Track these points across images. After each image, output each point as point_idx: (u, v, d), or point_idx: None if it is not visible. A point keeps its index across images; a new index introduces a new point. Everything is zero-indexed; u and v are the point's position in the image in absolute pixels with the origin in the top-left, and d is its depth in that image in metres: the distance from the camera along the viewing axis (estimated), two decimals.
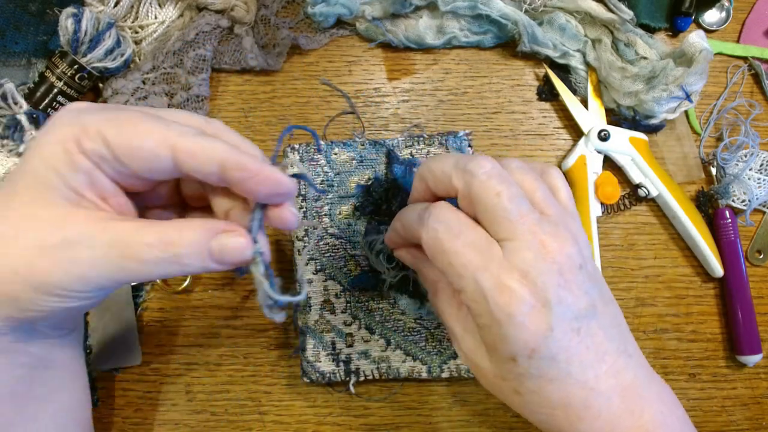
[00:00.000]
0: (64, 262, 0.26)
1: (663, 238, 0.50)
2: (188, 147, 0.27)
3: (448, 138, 0.47)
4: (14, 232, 0.26)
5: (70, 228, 0.26)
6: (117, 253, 0.26)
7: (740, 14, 0.52)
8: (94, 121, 0.27)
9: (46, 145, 0.27)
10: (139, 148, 0.27)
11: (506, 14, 0.48)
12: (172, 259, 0.27)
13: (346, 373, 0.44)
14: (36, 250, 0.26)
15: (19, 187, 0.27)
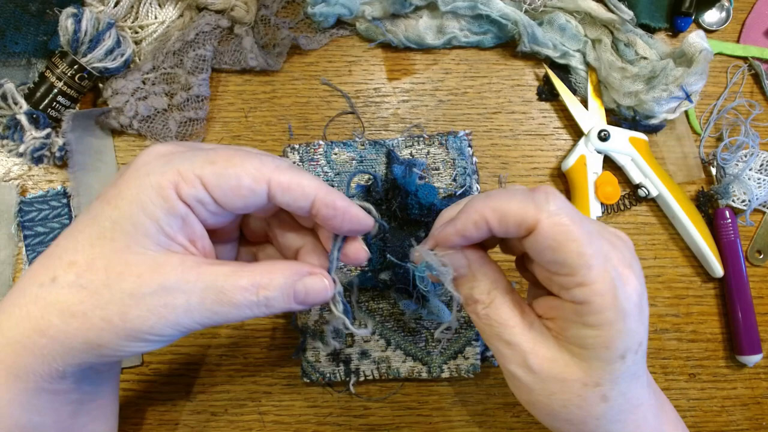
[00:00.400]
0: (160, 309, 0.27)
1: (663, 238, 0.50)
2: (284, 181, 0.28)
3: (448, 138, 0.47)
4: (107, 281, 0.27)
5: (166, 275, 0.27)
6: (212, 298, 0.27)
7: (740, 14, 0.52)
8: (190, 165, 0.27)
9: (142, 192, 0.27)
10: (237, 187, 0.27)
11: (506, 14, 0.48)
12: (262, 302, 0.28)
13: (346, 373, 0.44)
14: (131, 299, 0.27)
15: (110, 233, 0.27)
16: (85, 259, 0.27)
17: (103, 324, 0.27)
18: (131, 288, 0.27)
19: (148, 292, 0.27)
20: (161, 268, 0.27)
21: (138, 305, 0.27)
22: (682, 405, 0.48)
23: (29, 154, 0.44)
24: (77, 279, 0.27)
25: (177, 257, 0.28)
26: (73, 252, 0.27)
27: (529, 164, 0.50)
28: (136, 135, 0.48)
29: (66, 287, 0.27)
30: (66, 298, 0.27)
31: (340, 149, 0.46)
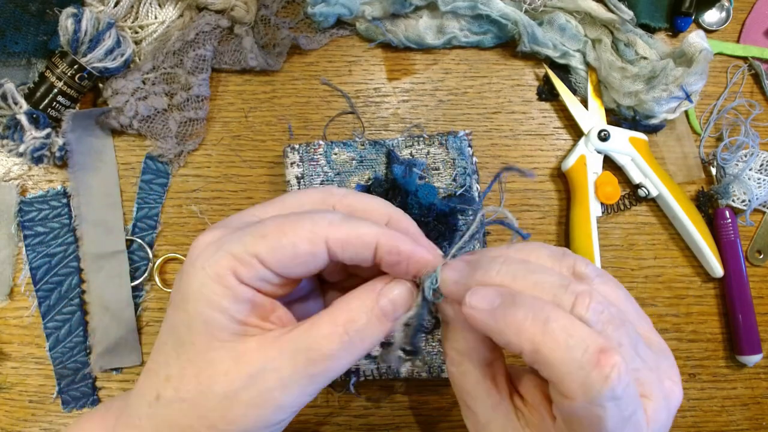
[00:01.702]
0: (256, 400, 0.26)
1: (663, 238, 0.50)
2: (341, 237, 0.26)
3: (448, 138, 0.47)
4: (201, 388, 0.26)
5: (250, 362, 0.26)
6: (302, 361, 0.26)
7: (740, 14, 0.52)
8: (243, 247, 0.26)
9: (203, 287, 0.26)
10: (295, 256, 0.26)
11: (506, 14, 0.48)
12: (354, 337, 0.26)
13: (346, 372, 0.44)
14: (226, 400, 0.26)
15: (187, 337, 0.26)
16: (177, 372, 0.26)
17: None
18: (223, 389, 0.26)
19: (239, 387, 0.25)
20: (243, 357, 0.26)
21: (234, 405, 0.26)
22: (682, 405, 0.48)
23: (29, 154, 0.44)
24: (176, 393, 0.26)
25: (254, 340, 0.26)
26: (165, 366, 0.27)
27: (529, 164, 0.50)
28: (136, 135, 0.48)
29: (169, 403, 0.26)
30: (172, 414, 0.26)
31: (340, 149, 0.46)
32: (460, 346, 0.28)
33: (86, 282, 0.45)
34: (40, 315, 0.45)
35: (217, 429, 0.26)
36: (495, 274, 0.25)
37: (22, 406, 0.45)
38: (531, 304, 0.23)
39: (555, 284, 0.24)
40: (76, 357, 0.45)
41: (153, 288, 0.47)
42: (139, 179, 0.48)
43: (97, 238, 0.45)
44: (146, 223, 0.47)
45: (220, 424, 0.26)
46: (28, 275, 0.46)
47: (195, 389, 0.26)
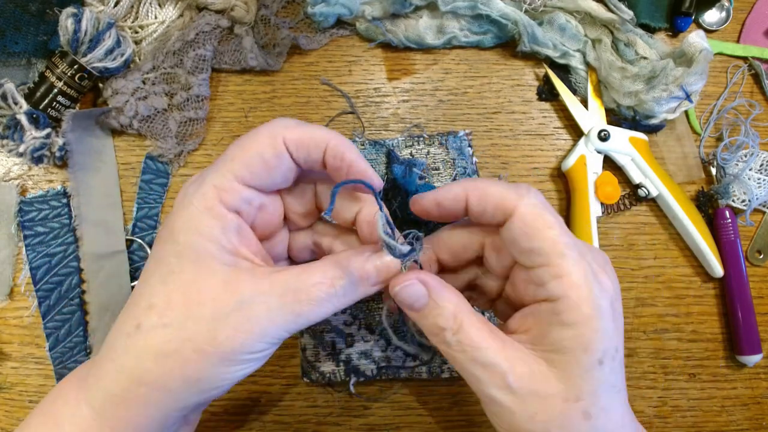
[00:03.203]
0: (244, 323, 0.27)
1: (663, 238, 0.50)
2: (296, 137, 0.29)
3: (448, 138, 0.47)
4: (188, 314, 0.27)
5: (241, 290, 0.27)
6: (291, 299, 0.28)
7: (740, 14, 0.52)
8: (220, 174, 0.28)
9: (193, 219, 0.28)
10: (264, 163, 0.28)
11: (506, 14, 0.48)
12: (339, 292, 0.29)
13: (346, 373, 0.44)
14: (214, 322, 0.27)
15: (177, 267, 0.27)
16: (162, 300, 0.27)
17: (196, 355, 0.27)
18: (211, 312, 0.27)
19: (228, 311, 0.27)
20: (234, 284, 0.27)
21: (223, 326, 0.27)
22: (682, 405, 0.48)
23: (29, 154, 0.44)
24: (160, 319, 0.27)
25: (246, 271, 0.28)
26: (149, 296, 0.28)
27: (529, 164, 0.50)
28: (136, 135, 0.48)
29: (152, 330, 0.27)
30: (155, 341, 0.27)
31: None
32: (447, 310, 0.29)
33: (86, 282, 0.45)
34: (40, 315, 0.45)
35: (203, 351, 0.27)
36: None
37: (22, 406, 0.45)
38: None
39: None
40: (76, 357, 0.45)
41: None
42: (139, 179, 0.48)
43: (97, 238, 0.45)
44: (146, 223, 0.47)
45: (206, 346, 0.27)
46: (28, 275, 0.46)
47: (182, 314, 0.27)
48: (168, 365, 0.27)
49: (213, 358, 0.27)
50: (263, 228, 0.32)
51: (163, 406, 0.28)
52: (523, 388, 0.27)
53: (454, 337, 0.28)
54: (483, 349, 0.28)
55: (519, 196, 0.28)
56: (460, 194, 0.30)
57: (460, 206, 0.30)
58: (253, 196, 0.29)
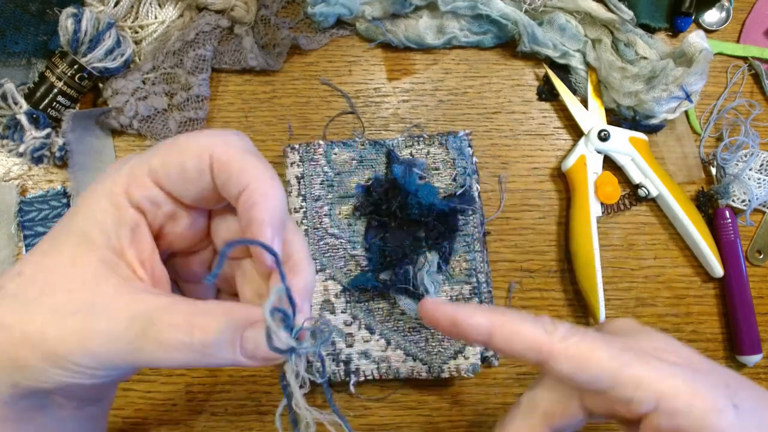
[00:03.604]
0: (80, 331, 0.24)
1: (663, 238, 0.50)
2: (225, 157, 0.25)
3: (448, 138, 0.47)
4: (39, 295, 0.24)
5: (97, 294, 0.24)
6: (138, 330, 0.23)
7: (740, 14, 0.52)
8: (140, 162, 0.26)
9: (93, 201, 0.25)
10: (183, 171, 0.25)
11: (506, 14, 0.48)
12: (197, 346, 0.23)
13: (346, 373, 0.44)
14: (53, 315, 0.24)
15: (60, 246, 0.25)
16: (31, 271, 0.25)
17: (23, 339, 0.24)
18: (57, 304, 0.24)
19: (71, 311, 0.24)
20: (95, 286, 0.24)
21: (58, 324, 0.24)
22: None
23: (29, 154, 0.44)
24: (17, 288, 0.25)
25: (116, 278, 0.25)
26: (25, 262, 0.25)
27: (529, 164, 0.50)
28: (136, 135, 0.48)
29: (6, 297, 0.25)
30: (7, 308, 0.24)
31: (340, 149, 0.46)
32: None
33: None
34: None
35: (29, 339, 0.24)
36: None
37: None
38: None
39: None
40: None
41: None
42: None
43: None
44: None
45: (35, 335, 0.24)
46: None
47: (34, 293, 0.24)
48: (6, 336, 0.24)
49: (36, 350, 0.24)
50: (173, 241, 0.28)
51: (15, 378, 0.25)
52: None
53: None
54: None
55: (548, 333, 0.26)
56: (483, 326, 0.27)
57: (480, 339, 0.28)
58: (162, 199, 0.26)
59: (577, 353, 0.26)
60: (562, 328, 0.27)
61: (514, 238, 0.49)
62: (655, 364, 0.26)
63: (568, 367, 0.26)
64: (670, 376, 0.25)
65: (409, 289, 0.44)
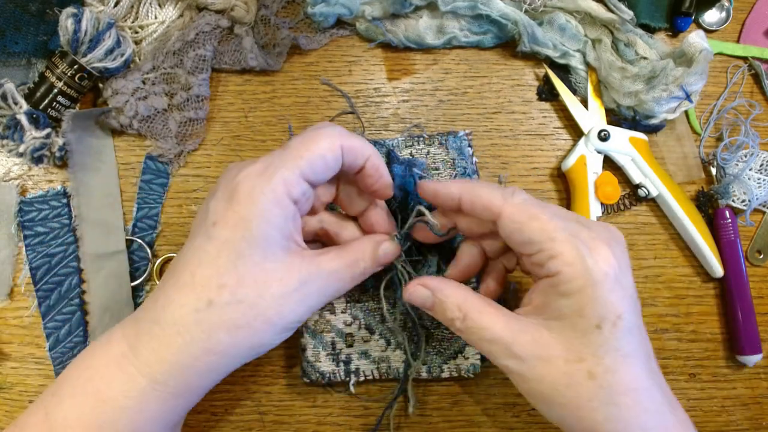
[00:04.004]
0: (305, 299, 0.33)
1: (663, 238, 0.50)
2: (349, 144, 0.33)
3: (448, 138, 0.47)
4: (259, 292, 0.32)
5: (300, 272, 0.33)
6: (332, 280, 0.34)
7: (740, 14, 0.52)
8: (289, 170, 0.32)
9: (265, 210, 0.31)
10: (325, 164, 0.33)
11: (506, 14, 0.48)
12: (360, 272, 0.36)
13: (346, 373, 0.44)
14: (282, 299, 0.32)
15: (247, 252, 0.31)
16: (234, 280, 0.31)
17: (266, 326, 0.32)
18: (280, 291, 0.32)
19: (292, 290, 0.32)
20: (293, 267, 0.33)
21: (287, 302, 0.32)
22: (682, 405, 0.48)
23: (29, 154, 0.44)
24: (233, 297, 0.31)
25: (298, 256, 0.33)
26: (217, 277, 0.31)
27: (529, 164, 0.50)
28: (136, 135, 0.48)
29: (225, 306, 0.31)
30: (230, 316, 0.31)
31: None
32: (451, 303, 0.34)
33: (86, 282, 0.45)
34: (40, 315, 0.45)
35: (271, 322, 0.32)
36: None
37: (22, 406, 0.45)
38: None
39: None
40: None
41: (153, 288, 0.47)
42: (139, 179, 0.48)
43: (97, 238, 0.45)
44: (146, 223, 0.47)
45: (275, 318, 0.32)
46: (28, 275, 0.46)
47: (253, 292, 0.31)
48: (240, 336, 0.32)
49: (278, 328, 0.33)
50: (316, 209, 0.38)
51: (225, 371, 0.34)
52: (527, 354, 0.31)
53: (463, 324, 0.33)
54: (488, 328, 0.32)
55: (504, 198, 0.32)
56: (455, 193, 0.34)
57: (454, 204, 0.35)
58: (309, 190, 0.33)
59: (519, 218, 0.31)
60: (519, 196, 0.32)
61: None
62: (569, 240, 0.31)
63: (509, 227, 0.32)
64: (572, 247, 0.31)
65: None
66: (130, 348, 0.32)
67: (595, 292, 0.30)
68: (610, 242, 0.31)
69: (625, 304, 0.30)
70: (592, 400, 0.30)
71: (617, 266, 0.31)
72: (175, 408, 0.33)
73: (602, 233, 0.32)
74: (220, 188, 0.33)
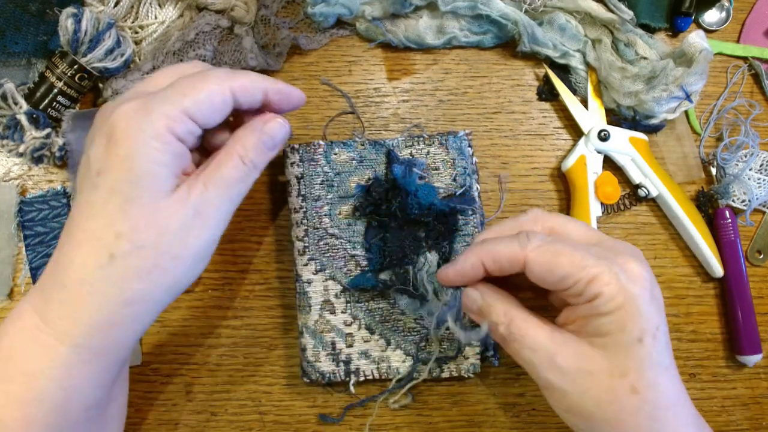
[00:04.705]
0: (205, 222, 0.32)
1: (663, 238, 0.50)
2: (241, 84, 0.33)
3: (448, 138, 0.47)
4: (159, 231, 0.31)
5: (190, 200, 0.32)
6: (223, 189, 0.33)
7: (740, 14, 0.52)
8: (171, 106, 0.31)
9: (147, 147, 0.30)
10: (212, 106, 0.32)
11: (506, 14, 0.48)
12: (250, 167, 0.34)
13: (346, 373, 0.44)
14: (183, 230, 0.31)
15: (135, 193, 0.30)
16: (128, 227, 0.30)
17: (176, 262, 0.31)
18: (177, 224, 0.31)
19: (190, 219, 0.31)
20: (183, 199, 0.31)
21: (189, 232, 0.31)
22: None
23: (29, 154, 0.44)
24: (132, 244, 0.30)
25: (184, 185, 0.32)
26: (110, 227, 0.30)
27: (529, 164, 0.50)
28: None
29: (127, 255, 0.30)
30: (136, 263, 0.30)
31: (340, 149, 0.46)
32: (498, 308, 0.33)
33: None
34: None
35: (179, 257, 0.31)
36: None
37: None
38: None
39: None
40: None
41: None
42: None
43: None
44: None
45: (182, 251, 0.31)
46: (28, 275, 0.46)
47: (153, 233, 0.30)
48: (153, 280, 0.31)
49: (187, 260, 0.32)
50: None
51: (149, 319, 0.33)
52: (571, 367, 0.31)
53: (507, 329, 0.33)
54: (531, 336, 0.32)
55: (522, 246, 0.32)
56: (477, 263, 0.33)
57: (481, 272, 0.34)
58: (196, 129, 0.32)
59: (544, 259, 0.31)
60: (535, 240, 0.32)
61: None
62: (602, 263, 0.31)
63: (539, 271, 0.31)
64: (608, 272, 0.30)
65: (409, 290, 0.44)
66: (41, 318, 0.31)
67: (635, 307, 0.30)
68: (636, 257, 0.32)
69: (661, 315, 0.31)
70: (636, 416, 0.30)
71: (650, 279, 0.31)
72: (106, 366, 0.32)
73: (626, 249, 0.32)
74: (96, 133, 0.32)
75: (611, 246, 0.33)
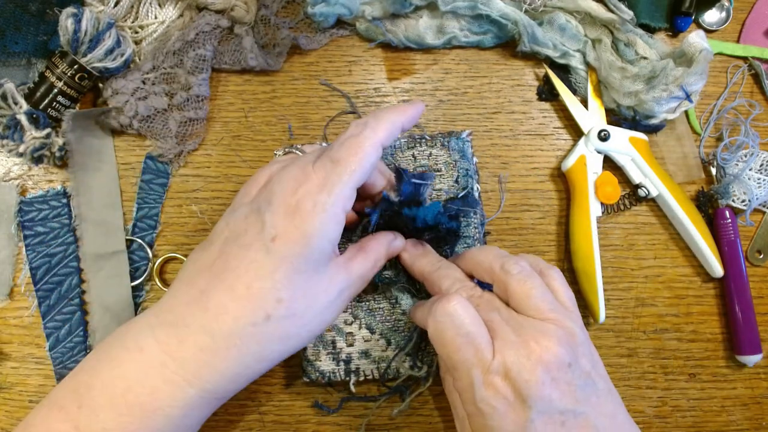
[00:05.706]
0: (341, 306, 0.36)
1: (663, 238, 0.50)
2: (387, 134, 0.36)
3: (450, 139, 0.47)
4: (309, 304, 0.33)
5: (339, 281, 0.35)
6: (363, 281, 0.37)
7: (740, 14, 0.52)
8: (345, 186, 0.33)
9: (325, 226, 0.33)
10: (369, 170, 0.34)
11: (506, 14, 0.48)
12: (377, 267, 0.38)
13: (346, 372, 0.44)
14: (326, 309, 0.34)
15: (303, 267, 0.33)
16: (289, 295, 0.32)
17: (311, 335, 0.35)
18: (324, 302, 0.34)
19: (333, 299, 0.34)
20: (334, 277, 0.34)
21: (329, 312, 0.35)
22: (682, 405, 0.48)
23: (29, 154, 0.44)
24: (288, 311, 0.33)
25: (335, 264, 0.35)
26: (275, 291, 0.32)
27: (529, 164, 0.50)
28: (136, 135, 0.48)
29: (281, 319, 0.33)
30: (284, 328, 0.33)
31: None
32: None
33: (86, 282, 0.45)
34: (40, 315, 0.45)
35: (314, 332, 0.35)
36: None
37: (22, 406, 0.45)
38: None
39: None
40: (76, 357, 0.45)
41: (153, 288, 0.47)
42: (139, 179, 0.48)
43: (97, 238, 0.45)
44: (146, 223, 0.47)
45: (317, 328, 0.35)
46: (28, 275, 0.46)
47: (304, 305, 0.33)
48: (290, 345, 0.34)
49: (315, 332, 0.35)
50: None
51: (262, 372, 0.35)
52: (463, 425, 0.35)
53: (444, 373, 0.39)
54: (449, 391, 0.38)
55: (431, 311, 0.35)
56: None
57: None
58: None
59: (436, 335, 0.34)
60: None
61: (514, 238, 0.49)
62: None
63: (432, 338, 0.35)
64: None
65: (411, 289, 0.44)
66: (171, 358, 0.32)
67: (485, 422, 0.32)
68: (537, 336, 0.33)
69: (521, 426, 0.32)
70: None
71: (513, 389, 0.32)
72: (216, 407, 0.35)
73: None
74: (276, 201, 0.33)
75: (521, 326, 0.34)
